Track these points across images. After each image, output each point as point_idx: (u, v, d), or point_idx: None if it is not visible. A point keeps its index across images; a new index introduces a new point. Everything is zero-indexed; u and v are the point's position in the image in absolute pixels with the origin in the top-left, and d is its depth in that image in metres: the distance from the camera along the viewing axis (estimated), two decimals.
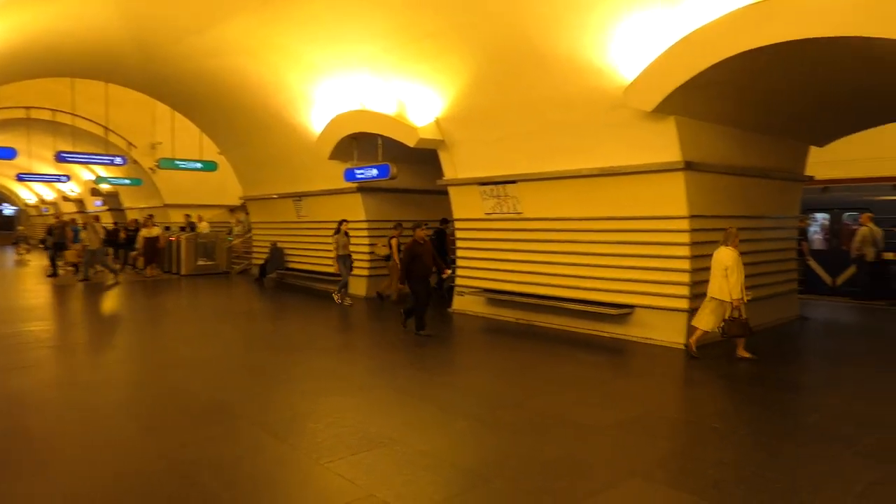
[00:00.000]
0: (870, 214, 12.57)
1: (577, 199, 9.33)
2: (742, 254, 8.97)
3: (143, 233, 17.66)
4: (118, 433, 5.17)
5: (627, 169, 8.47)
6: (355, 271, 13.47)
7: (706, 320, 7.43)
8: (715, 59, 6.80)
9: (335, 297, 12.53)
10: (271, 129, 14.28)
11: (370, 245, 13.43)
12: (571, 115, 8.77)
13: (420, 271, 8.76)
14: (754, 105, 8.33)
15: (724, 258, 7.23)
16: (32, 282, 16.69)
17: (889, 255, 12.07)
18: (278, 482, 4.15)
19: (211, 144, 18.66)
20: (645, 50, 7.51)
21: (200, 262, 18.36)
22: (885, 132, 11.15)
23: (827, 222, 14.14)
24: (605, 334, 8.97)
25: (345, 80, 11.71)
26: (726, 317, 7.25)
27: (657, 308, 8.43)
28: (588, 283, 9.23)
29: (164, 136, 22.00)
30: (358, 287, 13.62)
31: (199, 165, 19.81)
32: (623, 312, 8.67)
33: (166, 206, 23.79)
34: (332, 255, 12.57)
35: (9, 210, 53.98)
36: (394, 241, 12.19)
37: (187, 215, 22.17)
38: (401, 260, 8.93)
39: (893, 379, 6.95)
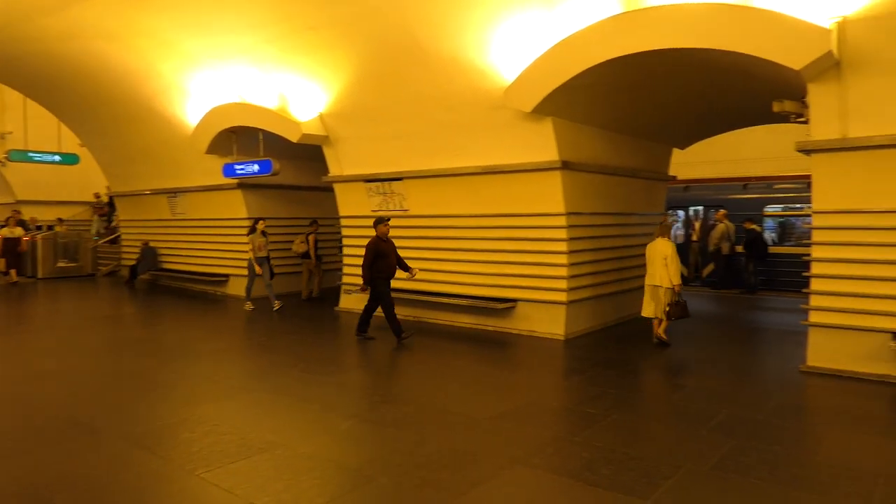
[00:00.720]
0: (724, 211, 13.83)
1: (462, 197, 9.50)
2: (614, 248, 9.62)
3: (4, 232, 15.77)
4: None
5: (509, 167, 8.74)
6: (238, 271, 12.93)
7: (650, 308, 7.99)
8: (587, 64, 7.18)
9: (275, 305, 11.09)
10: (141, 121, 13.32)
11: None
12: (456, 114, 8.91)
13: (386, 271, 8.34)
14: (623, 109, 8.89)
15: (664, 249, 7.78)
16: None
17: (739, 248, 13.34)
18: (148, 498, 3.89)
19: (71, 135, 17.11)
20: (524, 52, 7.79)
21: (61, 264, 16.78)
22: (738, 136, 12.31)
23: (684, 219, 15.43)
24: (490, 328, 9.21)
25: (223, 72, 11.16)
26: (665, 302, 7.81)
27: (538, 301, 8.78)
28: (474, 279, 9.44)
29: (16, 125, 19.89)
30: (239, 288, 13.06)
31: (57, 158, 18.15)
32: (507, 307, 8.96)
33: (19, 202, 21.50)
34: (229, 254, 11.92)
35: None
36: (311, 238, 12.15)
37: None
38: (364, 258, 8.29)
39: (741, 359, 7.69)
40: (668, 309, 7.80)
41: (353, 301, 11.07)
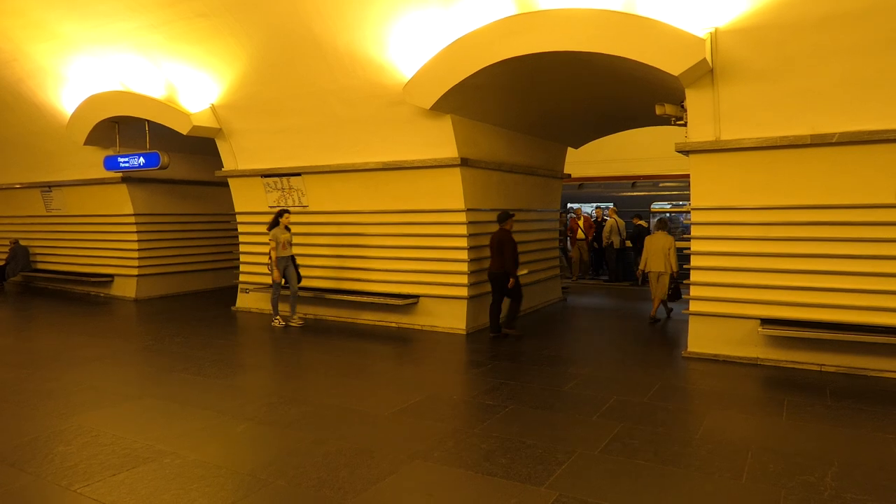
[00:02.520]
0: (615, 208, 14.59)
1: (362, 193, 9.41)
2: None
3: None
4: None
5: (410, 164, 8.75)
6: (124, 270, 12.16)
7: (662, 292, 9.24)
8: (482, 63, 7.32)
9: (294, 320, 9.34)
10: (6, 107, 12.14)
11: (138, 242, 12.14)
12: (355, 109, 8.80)
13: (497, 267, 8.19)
14: (518, 108, 9.14)
15: (665, 242, 9.10)
16: None
17: (628, 243, 14.11)
18: None
19: None
20: (422, 49, 7.81)
21: None
22: (627, 137, 12.98)
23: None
24: (392, 324, 9.20)
25: (103, 58, 10.37)
26: (667, 285, 9.17)
27: (439, 297, 8.86)
28: (375, 276, 9.38)
29: None
30: (127, 289, 12.27)
31: None
32: (409, 303, 8.97)
33: None
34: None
35: None
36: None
37: None
38: (511, 252, 8.05)
39: (631, 347, 8.14)
40: (670, 291, 9.19)
41: (249, 300, 10.70)
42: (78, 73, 10.88)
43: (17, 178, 13.73)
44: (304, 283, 9.47)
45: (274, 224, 9.06)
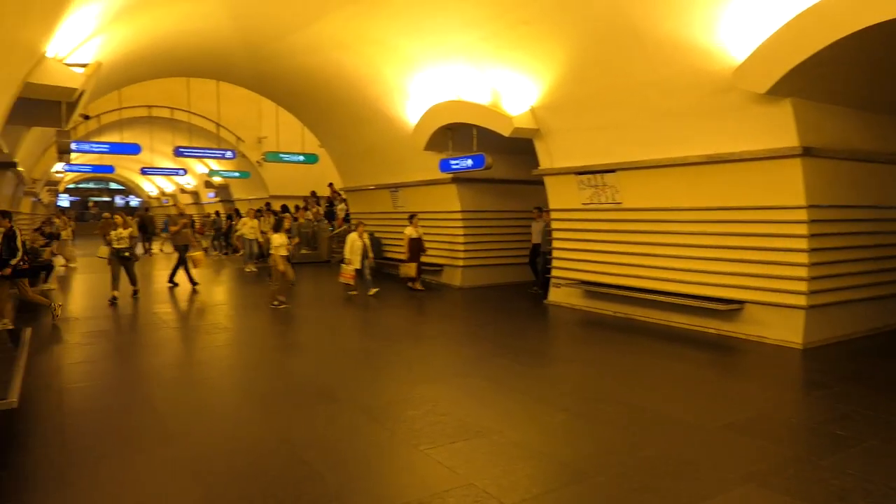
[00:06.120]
0: None
1: (681, 189, 8.90)
2: (866, 247, 8.31)
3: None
4: (233, 410, 5.51)
5: (737, 156, 7.97)
6: (451, 261, 13.63)
7: None
8: (839, 34, 6.22)
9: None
10: (368, 122, 14.63)
11: (464, 237, 13.50)
12: (674, 100, 8.35)
13: None
14: (881, 85, 7.58)
15: None
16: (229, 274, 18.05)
17: None
18: (378, 465, 4.27)
19: (312, 137, 19.41)
20: (758, 27, 7.01)
21: (304, 251, 19.16)
22: None
23: None
24: (712, 331, 8.52)
25: (440, 71, 11.77)
26: None
27: (769, 304, 7.89)
28: (693, 277, 8.79)
29: (270, 131, 23.17)
30: (453, 277, 13.76)
31: (301, 158, 20.65)
32: (731, 308, 8.19)
33: (272, 197, 25.04)
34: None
35: (135, 202, 58.90)
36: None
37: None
38: None
39: None
40: None
41: (562, 295, 11.02)
42: (419, 87, 12.54)
43: (371, 180, 16.47)
44: (613, 280, 9.41)
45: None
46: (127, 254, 11.17)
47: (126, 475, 4.08)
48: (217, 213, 27.90)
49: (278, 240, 11.14)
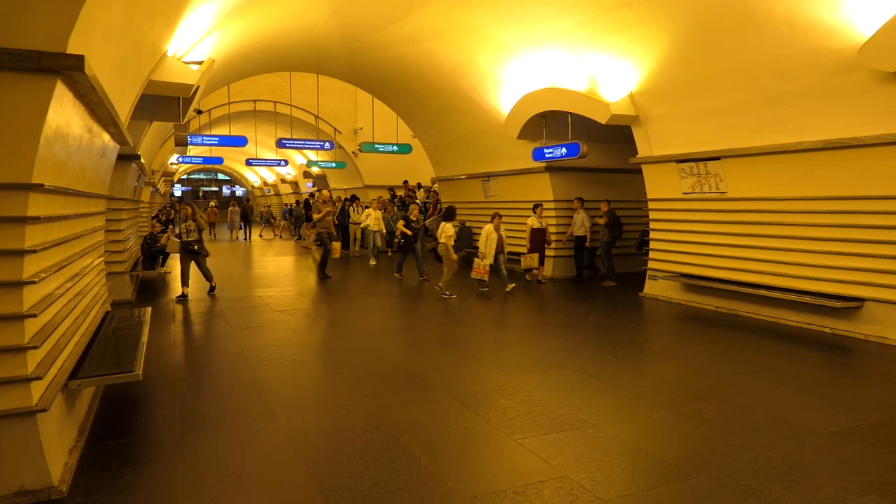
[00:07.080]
0: None
1: (793, 177, 8.33)
2: None
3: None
4: (332, 390, 5.75)
5: (860, 141, 7.35)
6: (548, 252, 13.50)
7: None
8: None
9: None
10: (461, 111, 14.69)
11: (556, 227, 13.29)
12: (789, 82, 7.81)
13: None
14: None
15: None
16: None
17: None
18: (473, 451, 4.31)
19: (406, 128, 19.74)
20: (889, 1, 6.41)
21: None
22: None
23: None
24: (826, 330, 7.95)
25: (534, 59, 11.61)
26: None
27: (894, 302, 7.26)
28: (806, 272, 8.23)
29: (365, 122, 23.79)
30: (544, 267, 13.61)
31: (394, 148, 21.05)
32: (849, 306, 7.60)
33: (366, 186, 25.74)
34: (524, 234, 12.45)
35: (240, 191, 62.51)
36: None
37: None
38: None
39: None
40: None
41: (658, 287, 10.65)
42: (513, 76, 12.43)
43: (462, 170, 16.55)
44: (717, 273, 8.96)
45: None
46: (196, 247, 10.62)
47: (235, 447, 4.36)
48: (297, 202, 29.47)
49: (450, 229, 10.96)
